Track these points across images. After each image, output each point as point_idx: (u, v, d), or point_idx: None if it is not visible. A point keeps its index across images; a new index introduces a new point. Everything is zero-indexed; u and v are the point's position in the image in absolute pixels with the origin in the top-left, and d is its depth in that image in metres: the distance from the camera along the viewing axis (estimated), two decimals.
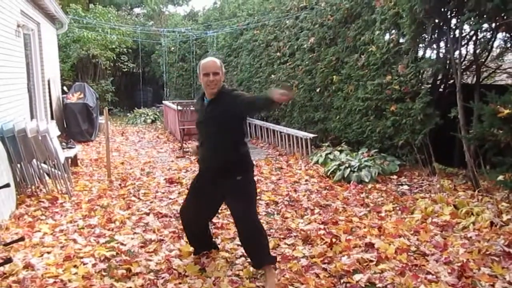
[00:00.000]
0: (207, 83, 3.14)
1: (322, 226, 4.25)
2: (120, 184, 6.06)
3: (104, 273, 3.35)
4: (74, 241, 3.98)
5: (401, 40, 6.51)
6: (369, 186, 5.72)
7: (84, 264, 3.49)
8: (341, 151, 7.05)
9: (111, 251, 3.73)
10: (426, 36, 6.23)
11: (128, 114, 15.27)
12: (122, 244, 3.93)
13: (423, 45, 6.43)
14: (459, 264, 3.32)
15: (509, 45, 6.12)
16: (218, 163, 3.20)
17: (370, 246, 3.75)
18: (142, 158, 8.16)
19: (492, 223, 3.99)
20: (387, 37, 6.70)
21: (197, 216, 3.42)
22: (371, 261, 3.47)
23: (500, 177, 4.35)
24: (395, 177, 6.16)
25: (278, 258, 3.55)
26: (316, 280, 3.18)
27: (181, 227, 4.25)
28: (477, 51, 6.00)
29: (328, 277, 3.25)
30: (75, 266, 3.45)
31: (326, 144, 7.56)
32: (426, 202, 4.76)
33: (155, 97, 17.82)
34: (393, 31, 6.61)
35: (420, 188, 5.63)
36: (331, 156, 6.96)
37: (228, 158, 3.17)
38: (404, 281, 3.11)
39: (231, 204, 3.31)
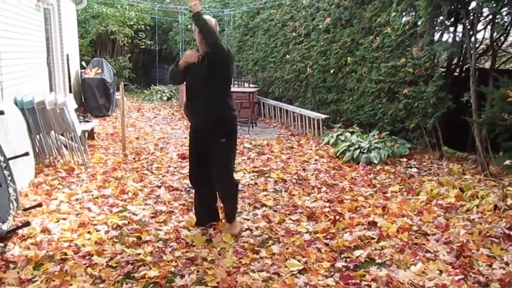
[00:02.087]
0: (202, 39, 3.43)
1: (327, 204, 4.36)
2: (134, 158, 6.25)
3: (116, 240, 3.53)
4: (89, 209, 4.17)
5: (418, 22, 6.45)
6: (378, 167, 5.79)
7: (97, 230, 3.68)
8: (352, 133, 7.09)
9: (123, 220, 3.91)
10: (442, 19, 6.16)
11: (144, 90, 15.43)
12: (134, 214, 4.11)
13: (439, 28, 6.37)
14: (459, 244, 3.40)
15: None
16: (206, 119, 3.50)
17: (373, 224, 3.85)
18: (156, 134, 8.33)
19: (496, 207, 4.03)
20: (403, 19, 6.63)
21: (202, 175, 3.67)
22: (373, 238, 3.57)
23: (508, 162, 4.37)
24: (404, 159, 6.20)
25: (282, 233, 3.69)
26: (318, 254, 3.30)
27: (191, 200, 4.43)
28: (494, 36, 5.93)
29: (329, 251, 3.37)
30: (88, 232, 3.64)
31: (338, 125, 7.60)
32: (433, 184, 4.82)
33: None
34: (410, 13, 6.55)
35: (429, 171, 5.66)
36: (342, 137, 7.00)
37: (217, 115, 3.47)
38: (403, 258, 3.20)
39: (215, 161, 3.57)
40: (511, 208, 4.00)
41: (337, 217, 3.95)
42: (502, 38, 6.02)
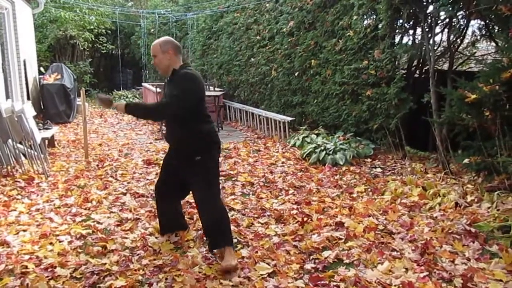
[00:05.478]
0: None
1: (295, 206, 4.38)
2: (97, 165, 6.08)
3: (80, 250, 3.41)
4: (50, 219, 4.01)
5: (379, 26, 6.60)
6: (343, 168, 5.87)
7: (60, 241, 3.54)
8: (318, 135, 7.18)
9: (87, 229, 3.79)
10: (402, 22, 6.34)
11: (107, 96, 15.09)
12: (98, 222, 3.99)
13: (399, 31, 6.55)
14: (423, 241, 3.48)
15: (482, 32, 6.27)
16: (174, 142, 3.34)
17: (340, 225, 3.89)
18: (120, 140, 8.15)
19: (457, 204, 4.17)
20: (365, 22, 6.78)
21: (167, 192, 3.50)
22: (340, 238, 3.61)
23: (466, 160, 4.53)
24: (369, 160, 6.33)
25: (251, 236, 3.68)
26: (287, 257, 3.30)
27: None
28: (451, 38, 6.14)
29: (298, 253, 3.37)
30: (51, 243, 3.50)
31: (304, 127, 7.67)
32: (397, 183, 4.93)
33: (135, 79, 17.64)
34: (371, 16, 6.71)
35: (393, 171, 5.80)
36: (308, 139, 7.08)
37: (182, 138, 3.23)
38: (370, 257, 3.25)
39: (191, 186, 3.35)
40: (470, 205, 4.14)
41: (305, 219, 3.97)
42: (458, 40, 6.24)
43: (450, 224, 3.73)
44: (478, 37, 6.31)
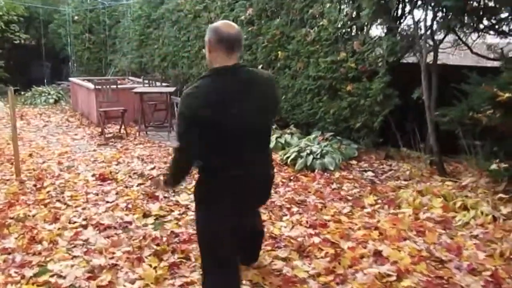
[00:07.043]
0: None
1: (311, 231, 3.56)
2: (35, 185, 4.78)
3: None
4: None
5: (358, 14, 5.98)
6: (336, 174, 5.15)
7: None
8: (291, 134, 6.44)
9: None
10: (388, 11, 5.75)
11: (22, 92, 13.12)
12: (59, 276, 2.89)
13: (385, 20, 5.96)
14: (488, 273, 2.86)
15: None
16: None
17: (378, 254, 3.16)
18: (54, 148, 6.76)
19: (494, 218, 3.64)
20: (345, 9, 6.13)
21: None
22: (389, 275, 2.87)
23: (493, 166, 4.01)
24: (354, 162, 5.72)
25: (278, 281, 2.82)
26: None
27: (138, 244, 3.35)
28: (437, 30, 5.68)
29: None
30: None
31: (273, 126, 6.87)
32: (409, 193, 4.31)
33: (53, 73, 15.56)
34: (350, 3, 6.07)
35: (386, 174, 5.24)
36: (281, 140, 6.31)
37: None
38: None
39: None
40: (509, 218, 3.63)
41: (336, 250, 3.19)
42: (444, 32, 5.80)
43: (509, 247, 3.15)
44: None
